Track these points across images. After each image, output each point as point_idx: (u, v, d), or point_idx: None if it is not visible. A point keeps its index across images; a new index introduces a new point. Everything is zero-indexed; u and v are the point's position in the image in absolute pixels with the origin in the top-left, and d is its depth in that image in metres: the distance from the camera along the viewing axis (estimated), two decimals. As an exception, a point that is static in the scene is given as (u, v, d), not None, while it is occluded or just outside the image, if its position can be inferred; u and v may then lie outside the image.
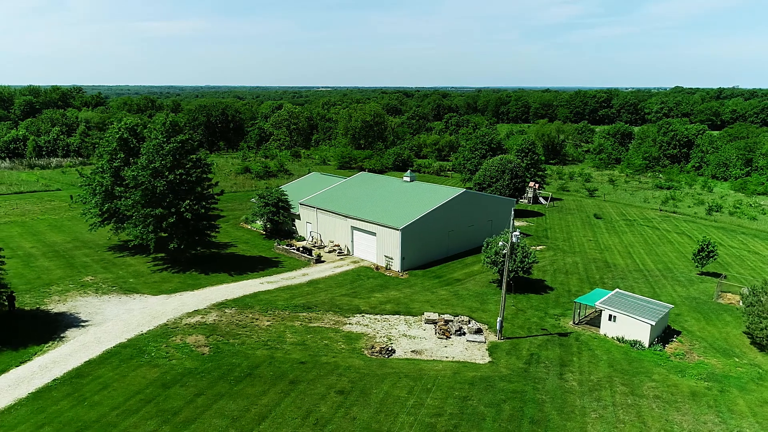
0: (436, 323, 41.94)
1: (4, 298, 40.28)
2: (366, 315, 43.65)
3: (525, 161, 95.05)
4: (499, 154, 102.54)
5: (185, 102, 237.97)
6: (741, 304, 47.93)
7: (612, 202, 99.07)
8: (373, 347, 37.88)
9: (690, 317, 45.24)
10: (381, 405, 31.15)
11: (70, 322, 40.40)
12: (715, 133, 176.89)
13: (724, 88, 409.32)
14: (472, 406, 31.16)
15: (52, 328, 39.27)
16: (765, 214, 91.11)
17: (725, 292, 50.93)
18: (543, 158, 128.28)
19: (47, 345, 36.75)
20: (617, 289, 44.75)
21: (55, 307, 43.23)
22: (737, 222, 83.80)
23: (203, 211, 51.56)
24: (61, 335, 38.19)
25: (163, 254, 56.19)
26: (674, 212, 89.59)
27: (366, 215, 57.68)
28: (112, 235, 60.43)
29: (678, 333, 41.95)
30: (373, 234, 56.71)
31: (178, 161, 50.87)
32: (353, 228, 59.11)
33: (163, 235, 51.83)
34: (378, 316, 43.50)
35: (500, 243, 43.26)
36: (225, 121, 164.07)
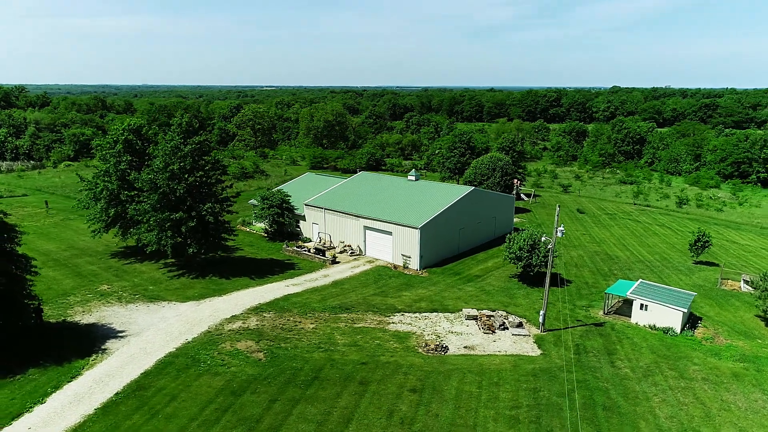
0: (476, 319, 42.75)
1: (32, 310, 37.87)
2: (405, 314, 43.90)
3: (507, 158, 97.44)
4: (476, 153, 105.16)
5: (136, 101, 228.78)
6: (743, 289, 51.47)
7: (587, 197, 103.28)
8: (427, 345, 38.22)
9: (704, 303, 48.10)
10: (457, 401, 31.61)
11: (105, 333, 38.50)
12: (664, 130, 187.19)
13: (657, 88, 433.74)
14: (545, 397, 32.14)
15: (89, 340, 37.32)
16: (726, 205, 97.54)
17: (725, 278, 54.42)
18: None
19: (92, 358, 34.94)
20: (641, 280, 47.01)
21: (82, 318, 41.05)
22: (707, 214, 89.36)
23: (225, 214, 50.20)
24: (102, 347, 36.37)
25: (173, 260, 54.27)
26: (648, 206, 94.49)
27: (380, 215, 57.77)
28: (118, 241, 57.81)
29: (700, 319, 44.58)
30: (389, 233, 56.88)
31: (197, 163, 49.31)
32: (366, 228, 59.05)
33: (178, 239, 50.05)
34: (417, 315, 43.86)
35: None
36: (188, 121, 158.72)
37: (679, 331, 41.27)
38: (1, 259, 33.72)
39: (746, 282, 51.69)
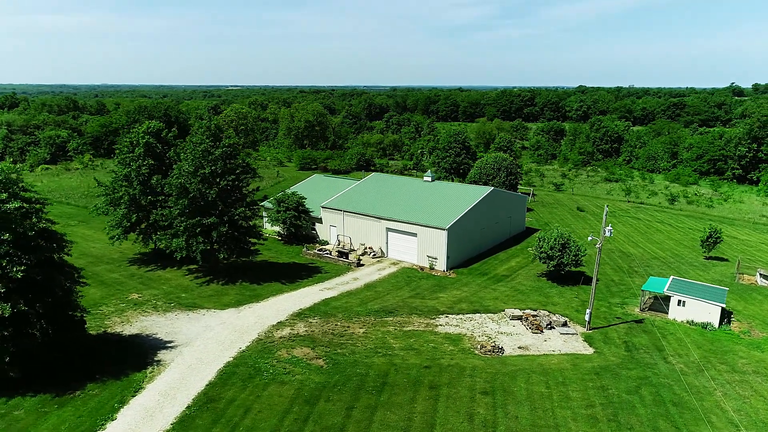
0: (521, 319, 43.06)
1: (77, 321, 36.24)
2: (449, 316, 43.89)
3: (510, 158, 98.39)
4: (471, 153, 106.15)
5: (106, 102, 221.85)
6: (759, 283, 53.36)
7: (580, 195, 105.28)
8: (483, 346, 38.28)
9: (729, 298, 49.42)
10: (530, 402, 31.78)
11: (153, 344, 37.21)
12: (640, 128, 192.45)
13: (622, 87, 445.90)
14: (615, 395, 32.61)
15: (140, 351, 36.02)
16: (714, 201, 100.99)
17: (741, 273, 56.32)
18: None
19: (149, 371, 33.73)
20: (673, 277, 48.22)
21: (123, 329, 39.59)
22: (699, 210, 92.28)
23: (256, 218, 49.21)
24: (156, 359, 35.16)
25: (196, 266, 52.85)
26: (641, 203, 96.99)
27: (403, 216, 57.57)
28: (140, 247, 55.99)
29: (730, 313, 45.99)
30: (414, 235, 56.76)
31: (227, 166, 48.14)
32: (388, 229, 58.76)
33: (208, 245, 48.72)
34: (461, 316, 43.89)
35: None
36: (168, 123, 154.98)
37: (717, 325, 42.49)
38: (54, 271, 32.20)
39: (763, 276, 53.60)
